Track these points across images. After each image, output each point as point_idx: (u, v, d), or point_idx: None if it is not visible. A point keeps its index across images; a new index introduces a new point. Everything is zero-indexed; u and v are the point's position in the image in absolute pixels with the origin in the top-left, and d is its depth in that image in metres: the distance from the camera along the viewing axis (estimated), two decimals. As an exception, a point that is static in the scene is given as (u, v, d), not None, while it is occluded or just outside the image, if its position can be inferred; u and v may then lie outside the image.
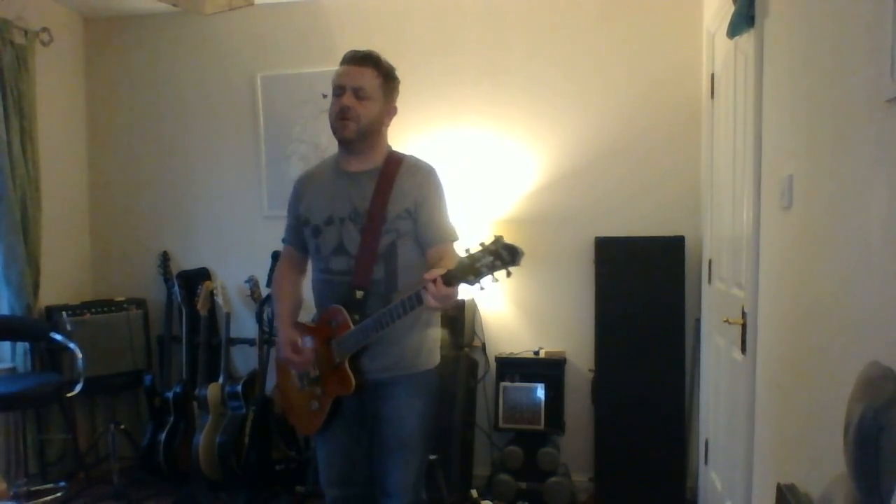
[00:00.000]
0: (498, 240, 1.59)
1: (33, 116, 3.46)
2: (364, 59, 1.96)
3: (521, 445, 3.30)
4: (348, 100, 1.92)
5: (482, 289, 1.67)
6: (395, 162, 2.00)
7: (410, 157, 2.05)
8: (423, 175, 2.00)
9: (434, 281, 1.64)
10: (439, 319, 2.13)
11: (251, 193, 3.85)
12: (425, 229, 1.96)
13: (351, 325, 1.89)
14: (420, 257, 1.98)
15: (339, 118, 1.94)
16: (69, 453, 3.59)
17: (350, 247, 1.96)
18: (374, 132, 1.98)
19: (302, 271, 2.21)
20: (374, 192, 1.94)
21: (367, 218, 1.93)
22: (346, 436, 2.06)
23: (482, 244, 1.60)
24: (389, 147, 2.08)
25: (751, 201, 2.21)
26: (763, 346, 2.15)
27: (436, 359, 2.08)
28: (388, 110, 2.02)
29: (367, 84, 1.93)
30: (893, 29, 1.18)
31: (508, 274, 1.60)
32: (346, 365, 1.90)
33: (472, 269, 1.59)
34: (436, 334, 2.10)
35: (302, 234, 2.08)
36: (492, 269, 1.57)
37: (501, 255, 1.56)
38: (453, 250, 1.93)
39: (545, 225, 3.52)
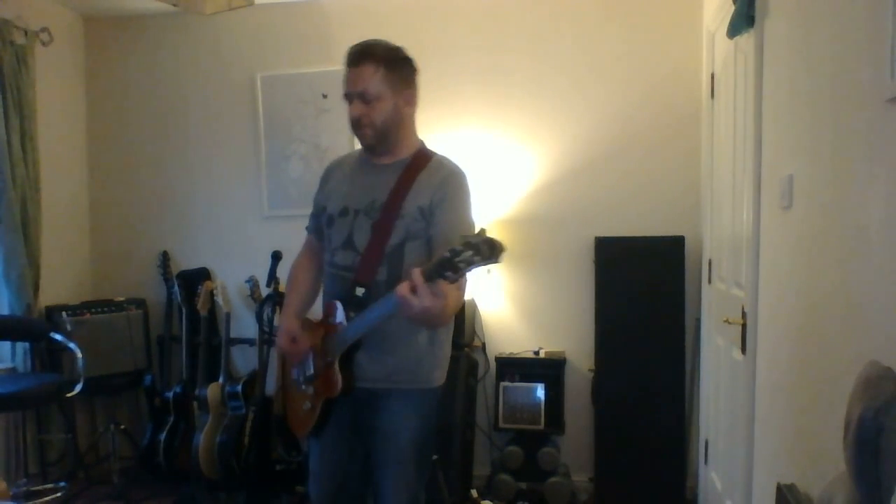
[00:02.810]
0: (480, 233, 1.47)
1: (33, 116, 3.45)
2: (360, 57, 1.83)
3: (521, 445, 3.30)
4: (357, 109, 1.83)
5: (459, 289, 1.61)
6: (423, 158, 1.91)
7: (441, 156, 1.95)
8: (445, 174, 1.87)
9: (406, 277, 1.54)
10: (450, 335, 1.97)
11: (251, 193, 3.85)
12: (437, 231, 1.82)
13: (345, 321, 1.80)
14: None
15: (356, 128, 1.87)
16: (69, 453, 3.59)
17: (359, 243, 1.86)
18: (394, 128, 1.87)
19: (321, 262, 2.06)
20: (394, 186, 1.85)
21: (381, 212, 1.83)
22: (341, 447, 1.97)
23: (464, 239, 1.48)
24: (422, 143, 1.98)
25: (751, 201, 2.21)
26: (763, 346, 2.15)
27: (440, 377, 1.94)
28: (406, 99, 1.89)
29: (369, 84, 1.81)
30: (893, 29, 1.18)
31: (489, 270, 1.54)
32: (336, 365, 1.80)
33: (451, 265, 1.47)
34: (444, 350, 1.94)
35: (321, 221, 2.00)
36: (470, 264, 1.45)
37: (481, 250, 1.44)
38: None
39: (545, 225, 3.52)
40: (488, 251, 1.44)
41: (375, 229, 1.84)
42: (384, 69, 1.83)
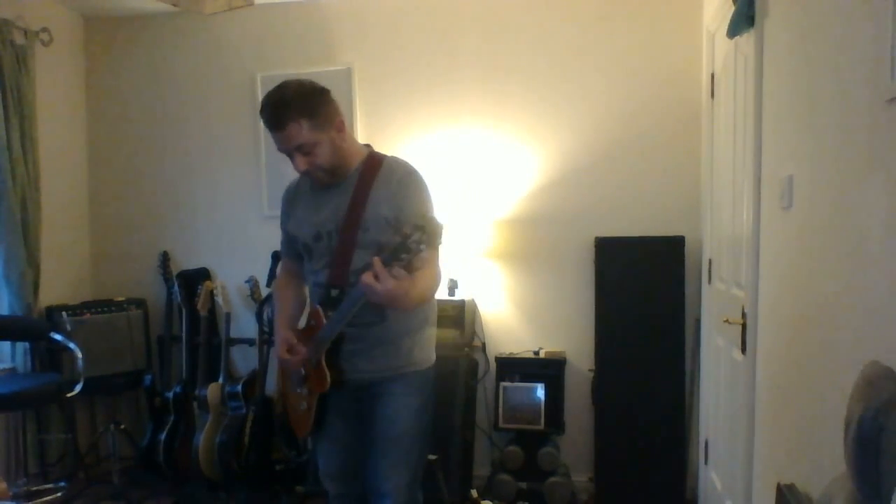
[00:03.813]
0: (425, 217, 1.67)
1: (33, 116, 3.46)
2: (279, 120, 1.83)
3: (521, 445, 3.30)
4: (300, 162, 1.88)
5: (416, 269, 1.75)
6: (374, 164, 1.97)
7: (390, 158, 2.01)
8: (399, 176, 1.95)
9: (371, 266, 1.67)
10: (435, 320, 2.12)
11: (251, 193, 3.85)
12: None
13: (325, 321, 1.91)
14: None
15: (307, 176, 1.95)
16: (69, 453, 3.59)
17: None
18: (340, 157, 1.93)
19: (301, 280, 2.17)
20: (351, 195, 1.93)
21: (345, 220, 1.93)
22: (347, 432, 2.07)
23: (413, 224, 1.64)
24: (368, 148, 2.05)
25: (751, 201, 2.21)
26: (763, 346, 2.15)
27: (431, 358, 2.08)
28: (337, 128, 1.91)
29: (302, 138, 1.84)
30: (893, 29, 1.18)
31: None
32: (323, 362, 1.91)
33: (405, 247, 1.61)
34: (431, 334, 2.10)
35: (296, 247, 2.10)
36: (419, 243, 1.61)
37: (426, 230, 1.60)
38: (432, 255, 1.88)
39: (545, 225, 3.52)
40: (434, 228, 1.61)
41: (341, 234, 1.93)
42: (307, 120, 1.84)
